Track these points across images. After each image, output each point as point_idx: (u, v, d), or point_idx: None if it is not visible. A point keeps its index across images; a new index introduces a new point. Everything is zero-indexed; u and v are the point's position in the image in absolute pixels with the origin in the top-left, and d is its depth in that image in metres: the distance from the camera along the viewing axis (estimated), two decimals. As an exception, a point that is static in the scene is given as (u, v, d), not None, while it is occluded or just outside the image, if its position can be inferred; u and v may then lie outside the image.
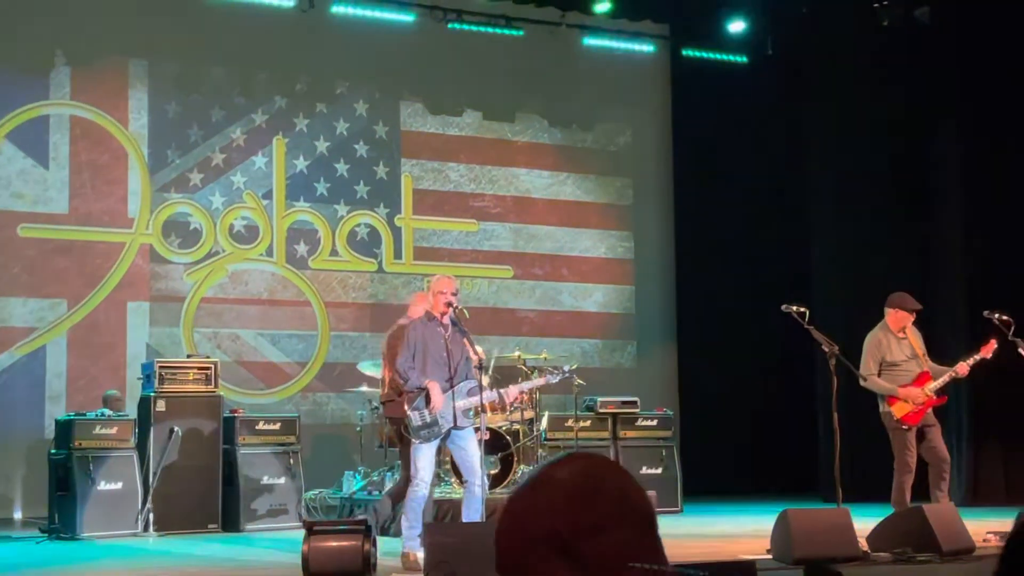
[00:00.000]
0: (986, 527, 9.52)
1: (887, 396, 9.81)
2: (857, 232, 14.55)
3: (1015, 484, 13.01)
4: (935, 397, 9.82)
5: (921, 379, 9.81)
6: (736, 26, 14.98)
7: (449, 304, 8.31)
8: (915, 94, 14.19)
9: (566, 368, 8.93)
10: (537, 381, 9.29)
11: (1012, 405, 12.06)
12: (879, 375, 9.87)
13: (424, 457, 8.21)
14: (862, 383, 9.89)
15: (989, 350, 9.76)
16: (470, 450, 8.24)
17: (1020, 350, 9.80)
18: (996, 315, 9.91)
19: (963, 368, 9.79)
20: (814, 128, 15.15)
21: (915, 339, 10.04)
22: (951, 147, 14.03)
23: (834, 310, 13.89)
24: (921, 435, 9.82)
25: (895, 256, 14.20)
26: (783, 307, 9.25)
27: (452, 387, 8.23)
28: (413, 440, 8.22)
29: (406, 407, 8.27)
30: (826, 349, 9.12)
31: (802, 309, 9.19)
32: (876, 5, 14.26)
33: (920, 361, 9.93)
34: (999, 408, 12.46)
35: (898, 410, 9.77)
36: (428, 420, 8.17)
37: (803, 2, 14.49)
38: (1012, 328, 9.83)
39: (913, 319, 9.97)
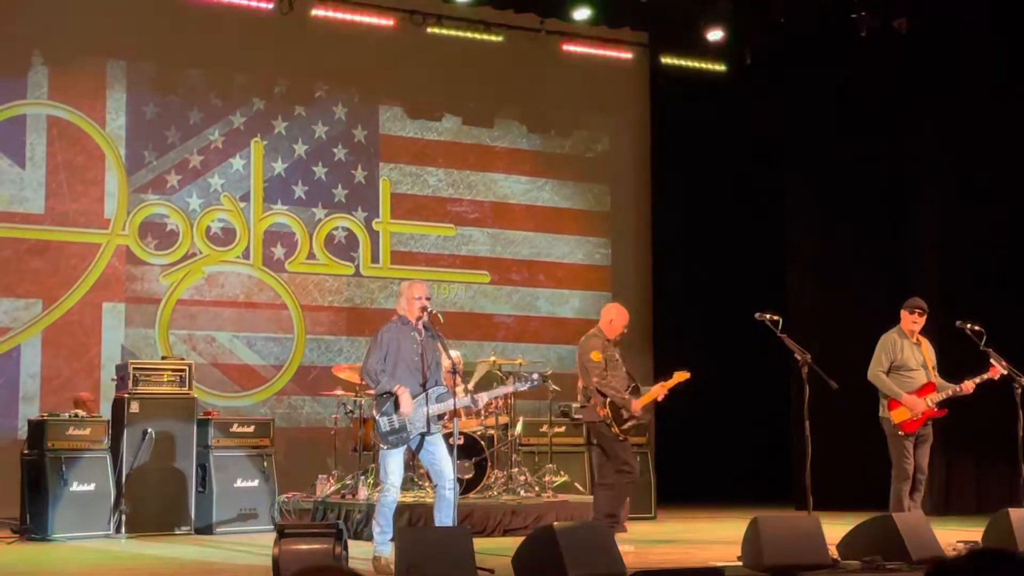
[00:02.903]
0: (956, 536, 9.58)
1: (888, 400, 9.86)
2: (834, 240, 14.62)
3: (986, 493, 13.09)
4: (935, 409, 9.87)
5: (925, 389, 9.86)
6: (714, 35, 15.01)
7: (423, 309, 8.33)
8: (892, 105, 14.26)
9: (535, 375, 8.95)
10: (507, 387, 9.31)
11: (984, 414, 12.10)
12: (887, 375, 9.93)
13: (394, 462, 8.23)
14: (868, 377, 9.95)
15: (996, 372, 9.82)
16: (439, 455, 8.25)
17: (992, 360, 9.87)
18: (968, 326, 9.97)
19: (968, 386, 9.85)
20: (791, 137, 15.21)
21: (928, 350, 10.10)
22: (928, 157, 14.11)
23: (809, 318, 13.97)
24: (915, 443, 9.88)
25: (871, 265, 14.28)
26: (756, 315, 9.30)
27: (425, 392, 8.24)
28: (381, 446, 8.24)
29: (374, 412, 8.28)
30: (798, 357, 9.16)
31: (775, 317, 9.24)
32: (854, 15, 14.32)
33: (928, 372, 9.99)
34: (971, 417, 12.50)
35: (897, 416, 9.82)
36: (396, 426, 8.18)
37: (781, 12, 14.54)
38: (984, 338, 9.89)
39: (919, 321, 10.00)
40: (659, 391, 9.94)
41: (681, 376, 10.00)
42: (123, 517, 10.70)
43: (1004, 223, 13.73)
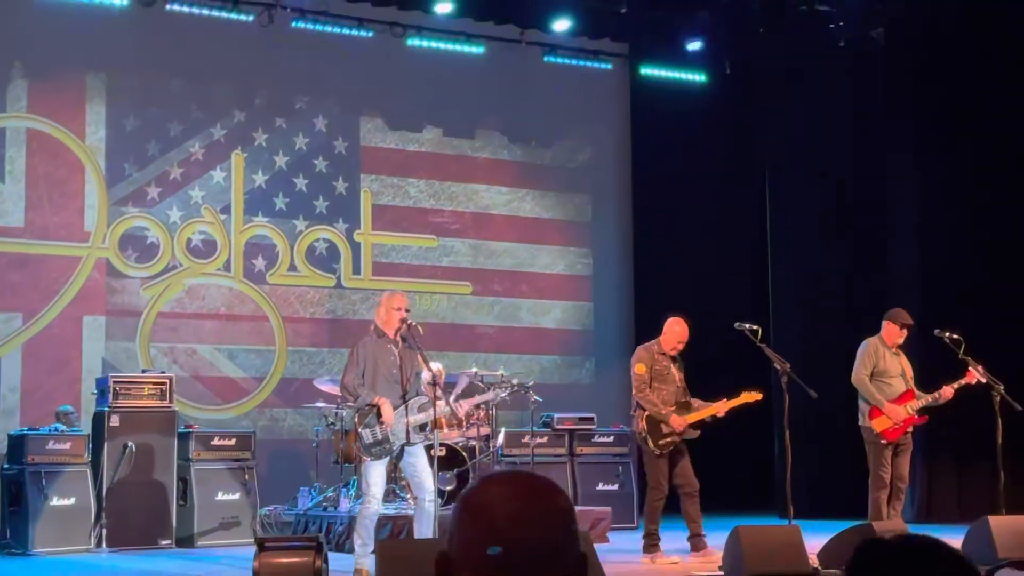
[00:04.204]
0: (937, 544, 9.59)
1: (870, 408, 9.89)
2: (815, 250, 14.66)
3: (968, 501, 13.11)
4: (916, 416, 9.91)
5: (905, 397, 9.91)
6: (694, 45, 15.07)
7: (403, 320, 8.34)
8: (871, 113, 14.32)
9: (515, 381, 8.98)
10: (487, 395, 9.32)
11: (965, 422, 12.15)
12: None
13: (375, 474, 8.23)
14: (853, 381, 9.98)
15: (973, 377, 9.87)
16: (420, 466, 8.26)
17: (971, 368, 9.92)
18: (947, 334, 10.02)
19: (948, 391, 9.90)
20: (772, 146, 15.25)
21: (905, 360, 10.15)
22: (908, 165, 14.16)
23: (791, 329, 14.00)
24: (894, 452, 9.92)
25: (853, 275, 14.31)
26: (736, 325, 9.35)
27: (405, 403, 8.25)
28: (364, 458, 8.24)
29: (357, 425, 8.29)
30: (778, 367, 9.20)
31: (754, 327, 9.29)
32: (832, 25, 14.39)
33: (907, 381, 10.04)
34: (952, 425, 12.56)
35: (878, 424, 9.86)
36: (379, 437, 8.19)
37: (760, 22, 14.60)
38: (962, 347, 9.94)
39: (905, 335, 10.06)
40: (719, 408, 9.60)
41: (750, 396, 9.60)
42: (104, 531, 10.66)
43: (985, 233, 13.77)
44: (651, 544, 9.57)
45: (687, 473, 9.64)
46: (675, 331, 9.70)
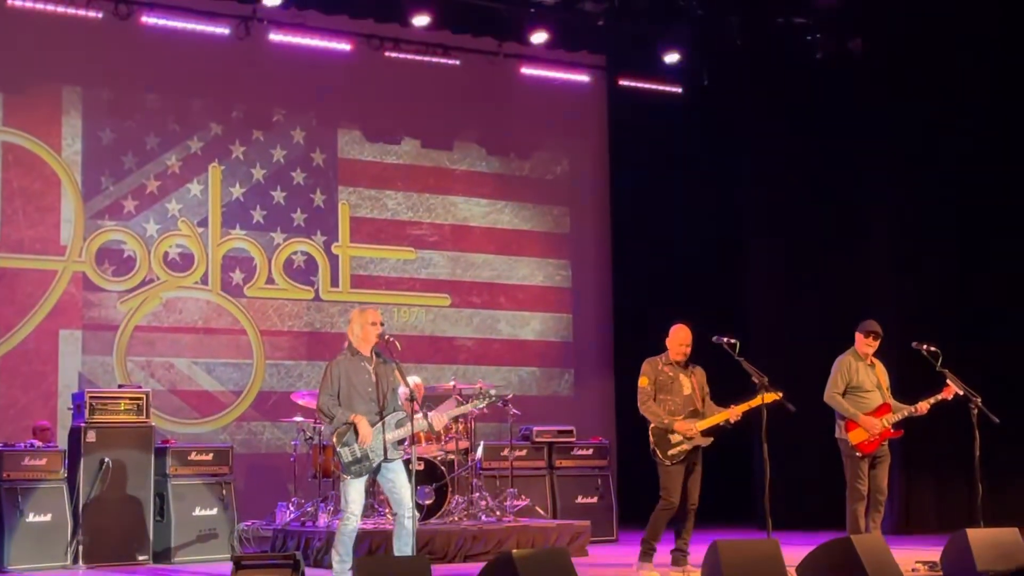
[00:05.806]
0: (915, 556, 9.62)
1: (846, 421, 9.91)
2: (793, 262, 14.69)
3: (946, 513, 13.15)
4: (892, 429, 9.93)
5: (881, 410, 9.93)
6: (671, 57, 15.08)
7: (379, 335, 8.31)
8: (849, 124, 14.35)
9: (492, 392, 8.95)
10: (464, 407, 9.28)
11: (943, 435, 12.18)
12: (843, 397, 9.98)
13: (354, 491, 8.20)
14: (825, 399, 9.99)
15: (950, 392, 9.88)
16: (399, 482, 8.23)
17: (948, 380, 9.93)
18: (924, 346, 10.04)
19: (923, 407, 9.91)
20: (749, 158, 15.27)
21: (881, 372, 10.17)
22: (884, 178, 14.20)
23: (768, 341, 14.00)
24: (871, 464, 9.93)
25: (829, 287, 14.34)
26: (714, 338, 9.35)
27: (382, 420, 8.21)
28: (344, 476, 8.21)
29: (335, 444, 8.25)
30: (756, 380, 9.20)
31: (732, 340, 9.28)
32: (809, 38, 14.44)
33: (883, 393, 10.05)
34: (930, 437, 12.59)
35: (854, 437, 9.88)
36: (359, 455, 8.16)
37: (738, 35, 14.63)
38: (940, 359, 9.96)
39: (873, 344, 10.07)
40: (732, 413, 9.45)
41: (770, 397, 9.28)
42: (80, 547, 10.59)
43: (964, 243, 13.82)
44: (646, 552, 9.51)
45: (691, 489, 9.56)
46: (676, 337, 9.61)
